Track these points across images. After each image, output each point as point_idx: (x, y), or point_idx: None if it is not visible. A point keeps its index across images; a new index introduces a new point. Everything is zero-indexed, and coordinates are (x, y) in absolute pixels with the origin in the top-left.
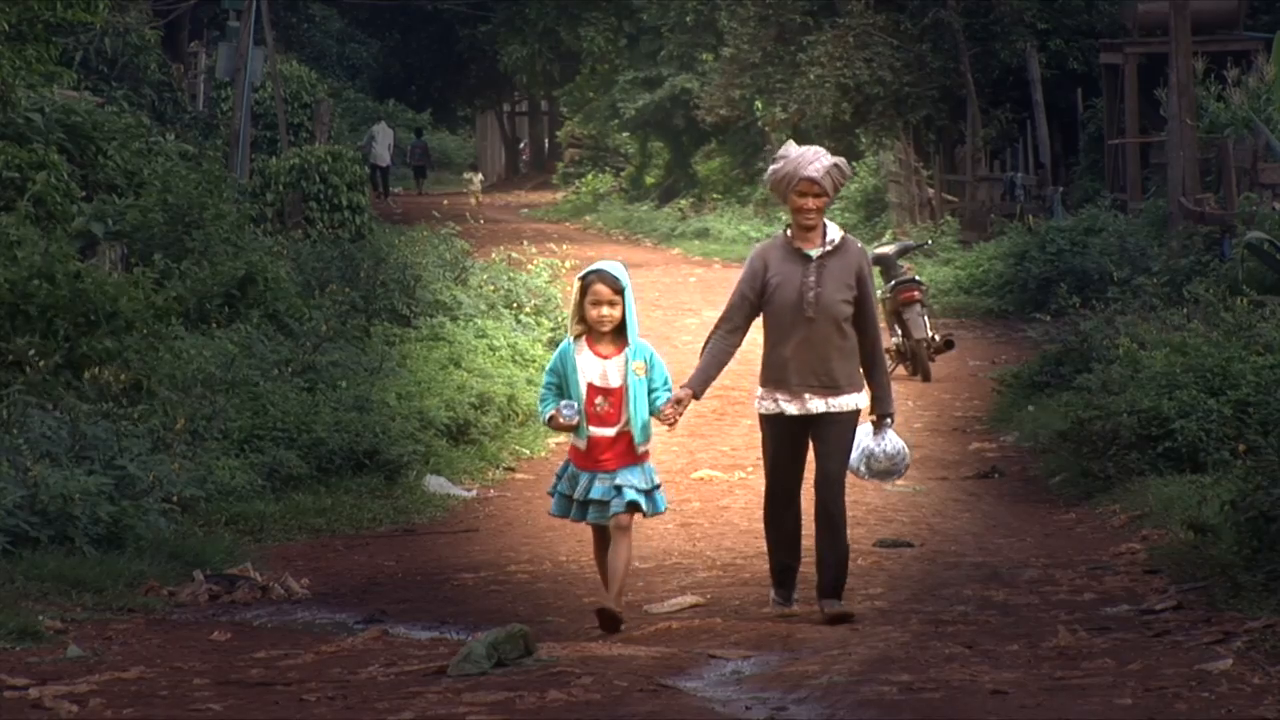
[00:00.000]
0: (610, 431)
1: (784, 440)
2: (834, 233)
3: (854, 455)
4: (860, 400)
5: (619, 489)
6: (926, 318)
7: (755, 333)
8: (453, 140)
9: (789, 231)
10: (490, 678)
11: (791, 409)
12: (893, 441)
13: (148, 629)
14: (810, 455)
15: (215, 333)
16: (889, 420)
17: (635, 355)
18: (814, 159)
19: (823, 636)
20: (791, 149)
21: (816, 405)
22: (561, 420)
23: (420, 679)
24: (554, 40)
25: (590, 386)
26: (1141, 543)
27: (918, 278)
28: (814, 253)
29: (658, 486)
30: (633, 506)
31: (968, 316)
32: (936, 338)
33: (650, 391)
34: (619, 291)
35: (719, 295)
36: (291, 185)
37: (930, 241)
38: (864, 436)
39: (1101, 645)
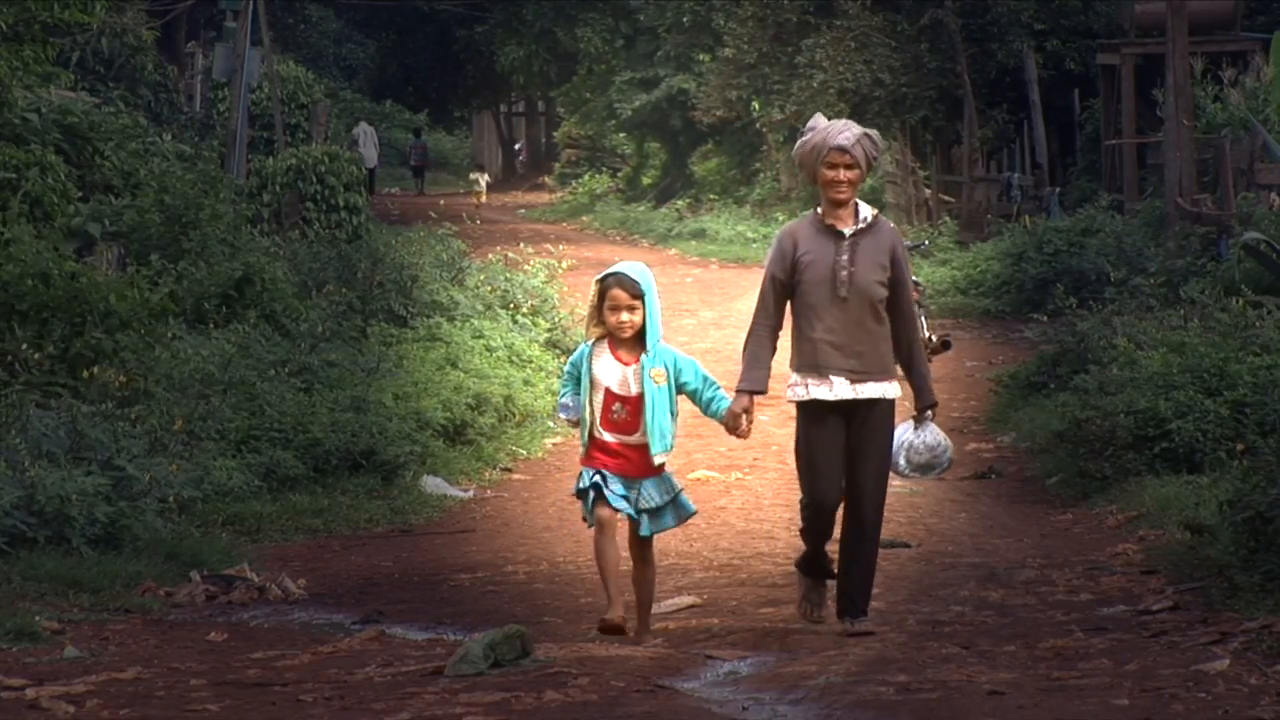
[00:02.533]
0: (630, 439)
1: (821, 428)
2: (866, 211)
3: (893, 450)
4: (892, 389)
5: (641, 514)
6: (924, 318)
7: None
8: (449, 141)
9: (819, 209)
10: (487, 678)
11: (822, 393)
12: (933, 433)
13: (145, 629)
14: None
15: (212, 333)
16: (930, 414)
17: (654, 362)
18: (844, 128)
19: (819, 637)
20: (820, 121)
21: (846, 391)
22: (562, 418)
23: (417, 679)
24: (551, 41)
25: (608, 392)
26: (1138, 543)
27: (915, 278)
28: (847, 230)
29: (679, 492)
30: (639, 530)
31: (965, 317)
32: (934, 338)
33: (694, 394)
34: (638, 296)
35: (716, 296)
36: (288, 186)
37: (927, 242)
38: (903, 431)
39: (1098, 646)
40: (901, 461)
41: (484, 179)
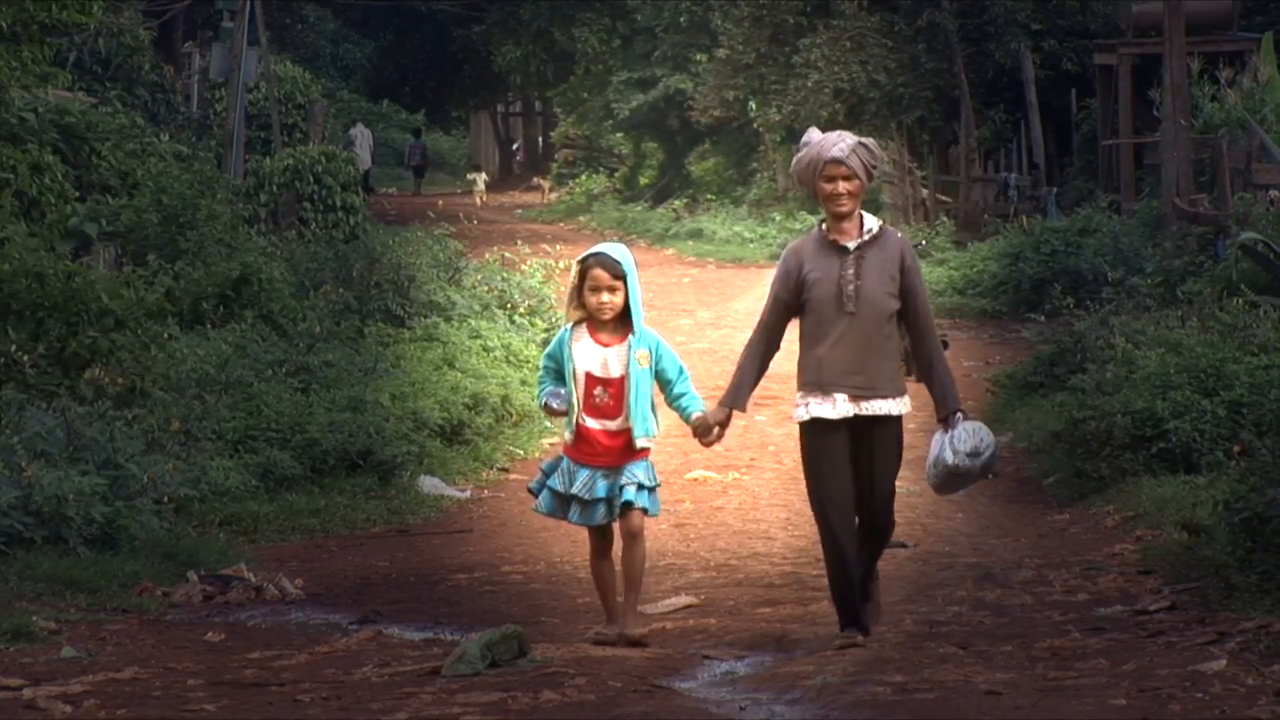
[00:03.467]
0: (612, 425)
1: (825, 439)
2: (871, 223)
3: (932, 455)
4: (901, 406)
5: (623, 488)
6: None
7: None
8: (447, 141)
9: (823, 225)
10: (484, 678)
11: (824, 412)
12: (967, 423)
13: (142, 629)
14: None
15: (210, 333)
16: (958, 416)
17: (639, 344)
18: (838, 140)
19: (817, 637)
20: (814, 134)
21: (849, 408)
22: (553, 406)
23: (414, 680)
24: (548, 41)
25: (589, 376)
26: (1135, 543)
27: None
28: (851, 244)
29: (657, 486)
30: (628, 507)
31: (962, 317)
32: None
33: (666, 385)
34: (619, 277)
35: (713, 296)
36: (285, 186)
37: (925, 242)
38: (937, 437)
39: (1095, 646)
40: (948, 455)
41: (482, 179)
